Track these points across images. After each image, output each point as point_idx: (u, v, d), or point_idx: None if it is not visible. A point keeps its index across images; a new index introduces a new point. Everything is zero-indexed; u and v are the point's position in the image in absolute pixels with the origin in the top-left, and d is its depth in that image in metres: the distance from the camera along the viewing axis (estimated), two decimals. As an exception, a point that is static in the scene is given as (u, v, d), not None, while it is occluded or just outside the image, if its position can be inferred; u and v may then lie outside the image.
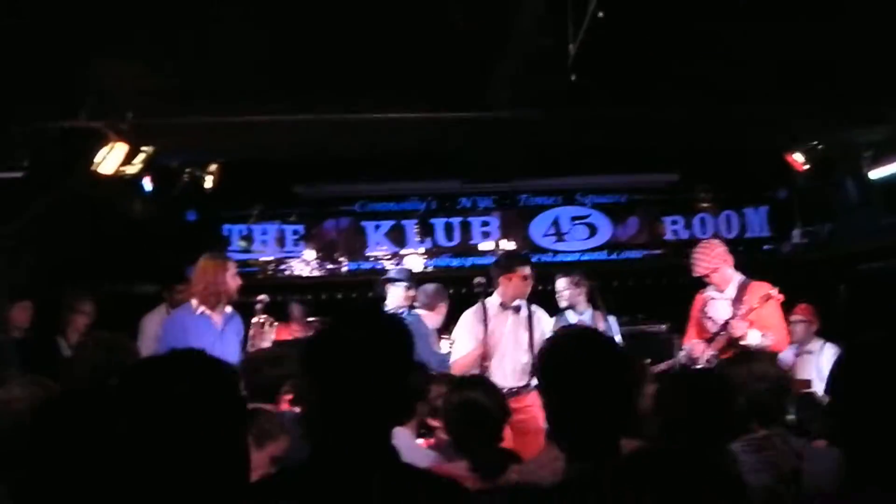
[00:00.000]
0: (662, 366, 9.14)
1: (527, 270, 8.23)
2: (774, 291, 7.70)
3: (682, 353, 8.42)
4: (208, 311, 7.40)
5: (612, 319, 9.41)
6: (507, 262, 8.51)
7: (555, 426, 3.13)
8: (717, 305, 8.04)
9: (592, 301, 9.40)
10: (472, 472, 4.39)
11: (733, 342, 7.70)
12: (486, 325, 8.17)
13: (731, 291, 7.96)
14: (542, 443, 7.35)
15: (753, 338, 7.55)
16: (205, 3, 6.21)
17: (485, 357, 8.02)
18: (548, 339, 3.38)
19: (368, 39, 7.01)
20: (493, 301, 8.31)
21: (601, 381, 3.03)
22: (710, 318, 8.07)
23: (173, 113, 8.08)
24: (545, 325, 8.40)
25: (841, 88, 8.12)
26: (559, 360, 3.18)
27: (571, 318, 9.31)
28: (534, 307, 8.42)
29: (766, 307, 7.70)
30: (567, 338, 3.41)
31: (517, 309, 8.28)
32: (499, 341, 8.15)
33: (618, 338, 9.28)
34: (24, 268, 8.96)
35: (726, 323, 7.79)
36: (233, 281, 7.47)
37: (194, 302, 7.41)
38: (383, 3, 6.35)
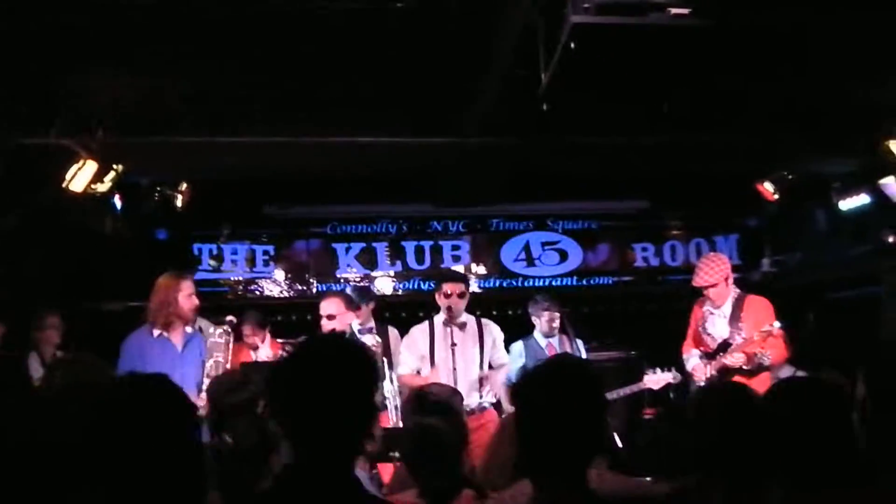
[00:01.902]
0: (627, 389, 9.20)
1: (449, 287, 8.27)
2: (775, 326, 7.74)
3: (656, 376, 8.47)
4: (166, 333, 7.35)
5: (579, 344, 9.42)
6: (436, 281, 8.71)
7: (527, 454, 3.12)
8: (716, 322, 8.16)
9: (562, 326, 9.37)
10: (420, 498, 4.37)
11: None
12: (431, 342, 8.20)
13: (728, 308, 8.07)
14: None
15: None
16: (177, 24, 6.20)
17: (434, 374, 8.04)
18: (527, 369, 3.35)
19: (344, 63, 7.02)
20: (438, 318, 8.34)
21: (576, 411, 3.01)
22: (709, 334, 8.15)
23: (144, 132, 8.05)
24: (497, 336, 8.40)
25: (811, 120, 8.18)
26: (536, 390, 3.16)
27: (541, 341, 9.30)
28: (484, 321, 8.45)
29: (766, 319, 7.80)
30: (545, 368, 3.39)
31: (462, 325, 8.28)
32: (445, 358, 8.16)
33: None
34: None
35: (725, 343, 7.87)
36: (186, 302, 7.38)
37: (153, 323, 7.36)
38: (358, 28, 6.36)
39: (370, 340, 8.18)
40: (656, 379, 8.86)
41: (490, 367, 8.33)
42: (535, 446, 3.06)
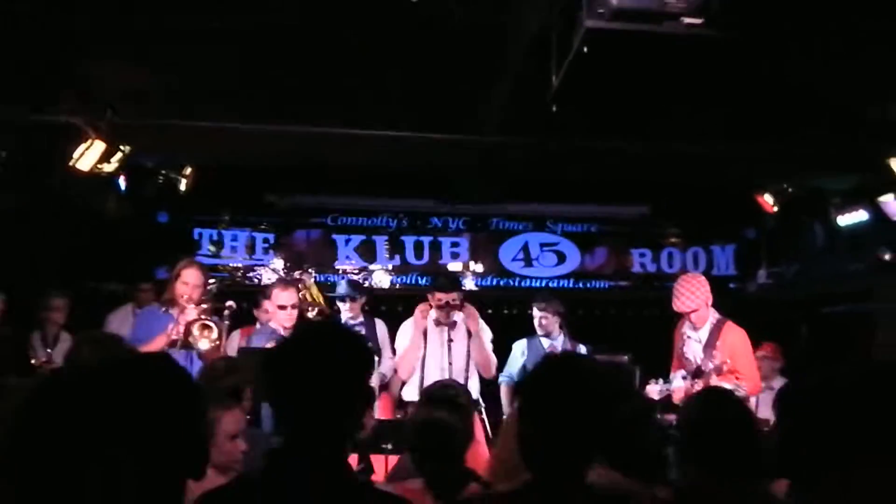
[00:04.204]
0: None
1: (441, 297, 8.33)
2: (726, 363, 7.65)
3: (657, 387, 8.45)
4: (172, 311, 7.56)
5: (582, 349, 9.44)
6: (431, 284, 8.81)
7: (527, 449, 3.16)
8: (692, 346, 8.03)
9: (565, 328, 9.41)
10: (427, 490, 4.41)
11: None
12: (424, 335, 8.32)
13: (705, 332, 7.94)
14: (481, 455, 7.41)
15: None
16: (189, 10, 6.24)
17: (419, 368, 8.17)
18: (535, 365, 3.40)
19: (352, 55, 7.05)
20: (432, 315, 8.40)
21: (582, 408, 3.05)
22: (686, 358, 8.10)
23: (153, 114, 8.09)
24: (483, 329, 8.48)
25: (814, 134, 8.23)
26: (542, 384, 3.20)
27: (545, 343, 9.31)
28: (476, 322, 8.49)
29: (739, 354, 7.74)
30: (552, 363, 3.43)
31: (453, 324, 8.34)
32: (441, 354, 8.24)
33: None
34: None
35: (698, 369, 7.84)
36: (179, 287, 7.60)
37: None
38: (369, 20, 6.39)
39: None
40: (658, 389, 8.82)
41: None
42: (536, 442, 3.11)
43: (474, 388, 8.38)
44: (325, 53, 7.00)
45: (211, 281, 7.96)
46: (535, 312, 9.40)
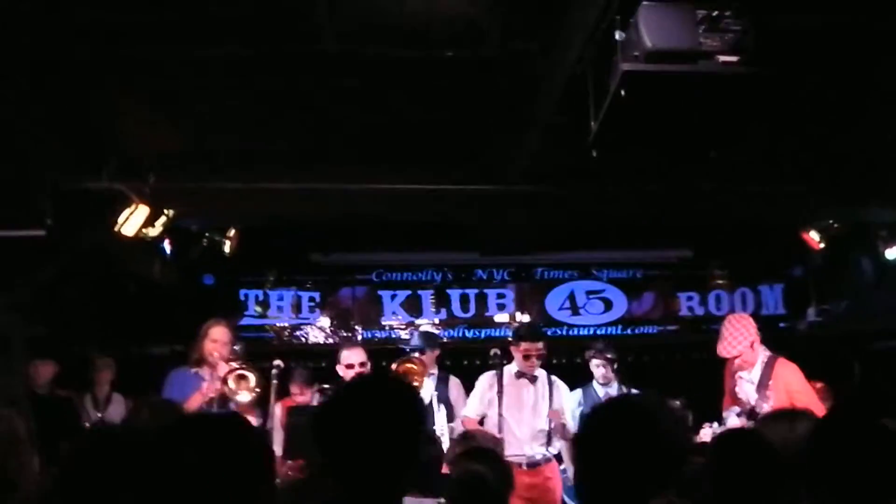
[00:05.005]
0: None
1: (527, 347, 8.27)
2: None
3: (711, 429, 8.32)
4: (200, 371, 7.55)
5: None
6: (515, 334, 8.62)
7: (586, 492, 3.15)
8: (745, 387, 7.85)
9: (619, 375, 9.31)
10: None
11: None
12: (500, 392, 8.20)
13: (757, 373, 7.71)
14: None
15: None
16: (227, 72, 6.31)
17: (499, 425, 8.05)
18: (592, 408, 3.42)
19: (391, 112, 7.10)
20: (509, 369, 8.35)
21: (634, 448, 3.05)
22: (740, 398, 7.97)
23: (195, 178, 8.16)
24: (564, 396, 8.45)
25: (856, 168, 8.17)
26: (598, 425, 3.22)
27: (598, 390, 9.22)
28: (554, 378, 8.47)
29: (795, 390, 7.59)
30: (609, 405, 3.44)
31: (533, 378, 8.31)
32: (513, 409, 8.18)
33: None
34: (43, 325, 9.01)
35: (752, 410, 7.71)
36: (208, 345, 7.57)
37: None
38: (403, 77, 6.44)
39: (430, 386, 8.25)
40: (712, 432, 8.67)
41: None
42: (594, 488, 3.09)
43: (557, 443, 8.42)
44: (360, 111, 7.05)
45: (235, 347, 7.90)
46: (593, 362, 9.29)
